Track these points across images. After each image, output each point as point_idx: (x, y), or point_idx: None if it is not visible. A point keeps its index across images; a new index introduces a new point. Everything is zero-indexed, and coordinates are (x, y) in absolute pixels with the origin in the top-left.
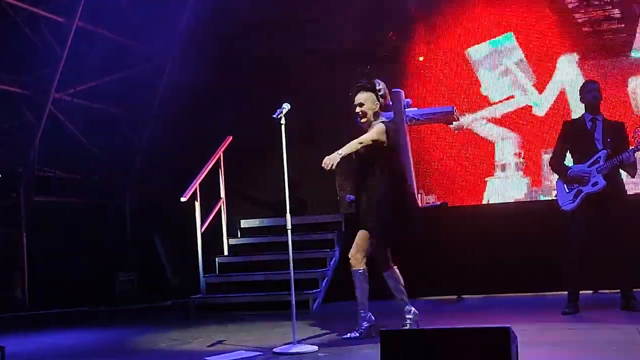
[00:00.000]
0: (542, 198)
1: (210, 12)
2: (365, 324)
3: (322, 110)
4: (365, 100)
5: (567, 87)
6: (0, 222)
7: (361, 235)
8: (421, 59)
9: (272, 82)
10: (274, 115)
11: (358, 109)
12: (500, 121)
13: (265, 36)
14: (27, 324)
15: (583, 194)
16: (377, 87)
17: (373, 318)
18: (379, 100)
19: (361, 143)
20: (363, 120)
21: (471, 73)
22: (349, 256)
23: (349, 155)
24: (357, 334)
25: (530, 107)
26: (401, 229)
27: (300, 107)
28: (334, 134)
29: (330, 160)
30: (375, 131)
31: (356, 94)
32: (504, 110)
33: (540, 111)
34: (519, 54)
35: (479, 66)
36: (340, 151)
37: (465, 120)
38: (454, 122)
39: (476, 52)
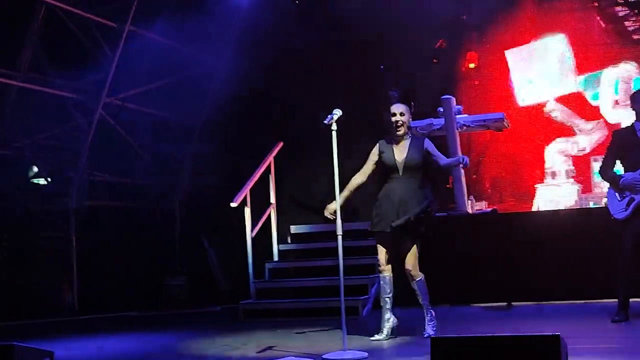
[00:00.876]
0: (592, 206)
1: (262, 17)
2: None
3: (372, 117)
4: (405, 111)
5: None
6: (51, 226)
7: (412, 244)
8: (472, 66)
9: (323, 88)
10: (325, 121)
11: (399, 118)
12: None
13: (316, 42)
14: (76, 329)
15: (636, 202)
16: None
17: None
18: (411, 114)
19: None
20: (401, 131)
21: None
22: (410, 267)
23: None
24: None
25: None
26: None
27: (350, 113)
28: None
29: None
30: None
31: (393, 104)
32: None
33: None
34: (570, 61)
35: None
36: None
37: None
38: (503, 128)
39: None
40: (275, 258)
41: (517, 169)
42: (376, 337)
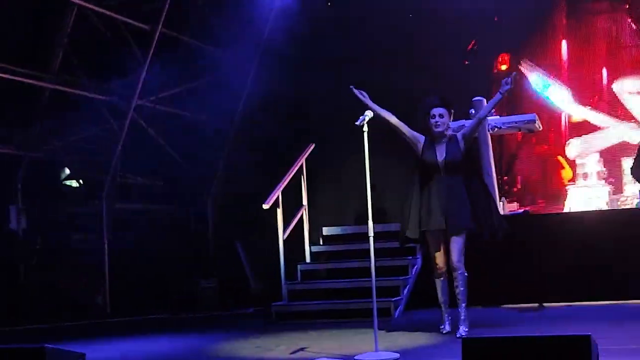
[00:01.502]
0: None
1: (294, 19)
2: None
3: (403, 118)
4: (444, 114)
5: None
6: (83, 228)
7: (457, 239)
8: (504, 67)
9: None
10: (357, 123)
11: (439, 119)
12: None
13: (347, 43)
14: (108, 331)
15: None
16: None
17: None
18: (450, 117)
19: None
20: (440, 128)
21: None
22: (457, 263)
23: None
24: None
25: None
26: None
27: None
28: None
29: None
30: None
31: (436, 106)
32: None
33: None
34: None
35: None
36: None
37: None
38: (535, 130)
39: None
40: (307, 260)
41: (549, 170)
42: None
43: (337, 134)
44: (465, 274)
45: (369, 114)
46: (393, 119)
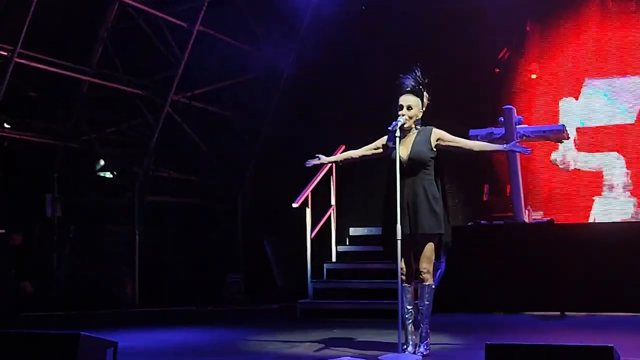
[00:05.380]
0: None
1: (329, 22)
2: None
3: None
4: (414, 105)
5: None
6: (115, 220)
7: (430, 246)
8: (534, 76)
9: (387, 92)
10: (389, 127)
11: (405, 112)
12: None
13: (380, 46)
14: (136, 321)
15: None
16: (427, 97)
17: None
18: (422, 109)
19: None
20: (406, 125)
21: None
22: (424, 270)
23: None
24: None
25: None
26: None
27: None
28: None
29: None
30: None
31: (403, 95)
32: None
33: None
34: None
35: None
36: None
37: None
38: (563, 141)
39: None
40: (334, 259)
41: (575, 180)
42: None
43: (367, 136)
44: (433, 286)
45: (401, 119)
46: (355, 153)
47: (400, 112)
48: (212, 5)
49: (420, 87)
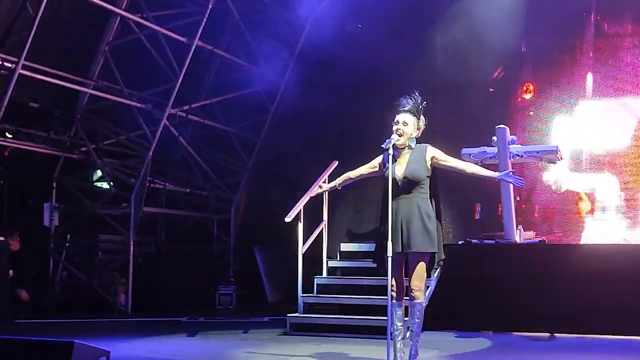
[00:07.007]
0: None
1: (325, 40)
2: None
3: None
4: (410, 122)
5: None
6: (111, 229)
7: (422, 265)
8: (528, 96)
9: (379, 109)
10: (383, 145)
11: (400, 127)
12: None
13: (373, 64)
14: (128, 330)
15: None
16: (424, 120)
17: None
18: (418, 130)
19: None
20: (400, 141)
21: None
22: (415, 287)
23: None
24: None
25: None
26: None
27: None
28: None
29: None
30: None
31: (400, 113)
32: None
33: None
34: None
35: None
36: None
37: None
38: (555, 160)
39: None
40: (324, 274)
41: (567, 200)
42: None
43: (360, 152)
44: (424, 304)
45: (395, 137)
46: (353, 173)
47: (395, 127)
48: (211, 22)
49: (418, 108)
